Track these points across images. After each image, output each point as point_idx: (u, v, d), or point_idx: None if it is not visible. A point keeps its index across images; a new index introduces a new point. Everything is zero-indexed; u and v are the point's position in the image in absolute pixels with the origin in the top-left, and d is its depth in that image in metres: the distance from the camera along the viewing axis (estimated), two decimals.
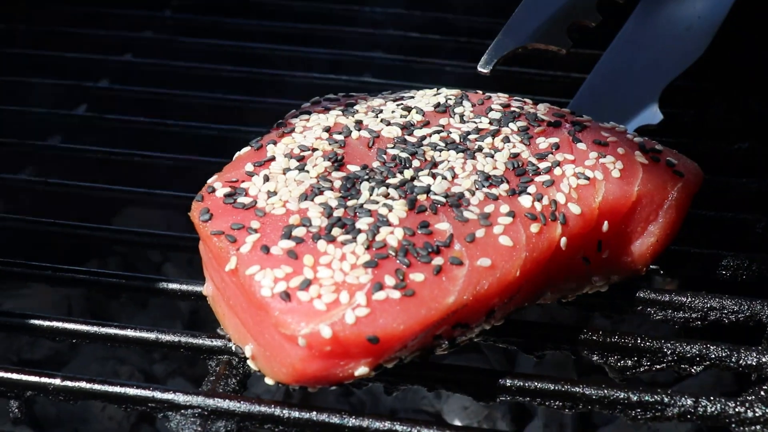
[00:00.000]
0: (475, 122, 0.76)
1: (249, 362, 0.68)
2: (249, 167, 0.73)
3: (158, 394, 0.68)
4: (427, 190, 0.70)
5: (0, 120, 0.97)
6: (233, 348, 0.70)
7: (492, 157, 0.72)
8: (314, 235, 0.67)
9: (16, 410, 0.70)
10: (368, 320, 0.63)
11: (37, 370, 0.70)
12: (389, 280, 0.64)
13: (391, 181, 0.70)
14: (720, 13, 0.87)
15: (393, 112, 0.77)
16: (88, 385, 0.69)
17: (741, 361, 0.72)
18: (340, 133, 0.74)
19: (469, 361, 0.96)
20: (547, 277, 0.70)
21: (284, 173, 0.71)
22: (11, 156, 0.93)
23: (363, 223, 0.67)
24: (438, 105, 0.77)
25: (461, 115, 0.76)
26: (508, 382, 0.69)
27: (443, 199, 0.69)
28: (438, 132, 0.74)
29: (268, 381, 0.67)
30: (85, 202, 0.91)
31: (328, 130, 0.75)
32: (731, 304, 0.75)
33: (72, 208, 0.91)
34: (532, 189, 0.70)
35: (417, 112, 0.76)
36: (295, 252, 0.66)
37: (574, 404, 0.69)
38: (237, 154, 0.75)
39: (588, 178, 0.71)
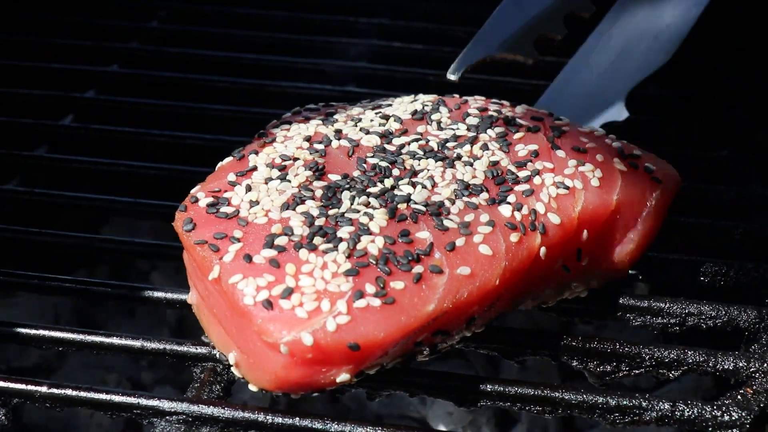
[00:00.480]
0: (453, 129, 0.76)
1: (233, 369, 0.69)
2: (231, 177, 0.73)
3: (143, 401, 0.69)
4: (408, 199, 0.70)
5: None
6: (217, 355, 0.71)
7: (471, 165, 0.73)
8: (296, 244, 0.67)
9: (3, 417, 0.71)
10: (349, 328, 0.64)
11: (24, 378, 0.70)
12: (370, 288, 0.65)
13: (371, 190, 0.71)
14: (687, 24, 0.90)
15: (372, 120, 0.78)
16: (75, 393, 0.70)
17: (718, 366, 0.73)
18: (320, 143, 0.75)
19: (454, 368, 0.97)
20: (526, 285, 0.71)
21: (266, 183, 0.72)
22: None
23: (344, 231, 0.68)
24: (415, 112, 0.78)
25: (438, 122, 0.77)
26: (489, 388, 0.70)
27: (423, 208, 0.70)
28: (416, 140, 0.75)
29: (252, 387, 0.68)
30: (71, 211, 0.92)
31: (308, 139, 0.76)
32: (709, 310, 0.76)
33: (59, 217, 0.92)
34: (511, 198, 0.71)
35: (395, 120, 0.77)
36: (278, 261, 0.67)
37: (554, 409, 0.70)
38: (219, 164, 0.76)
39: (567, 188, 0.72)
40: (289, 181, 0.72)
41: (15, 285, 0.81)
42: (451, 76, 0.74)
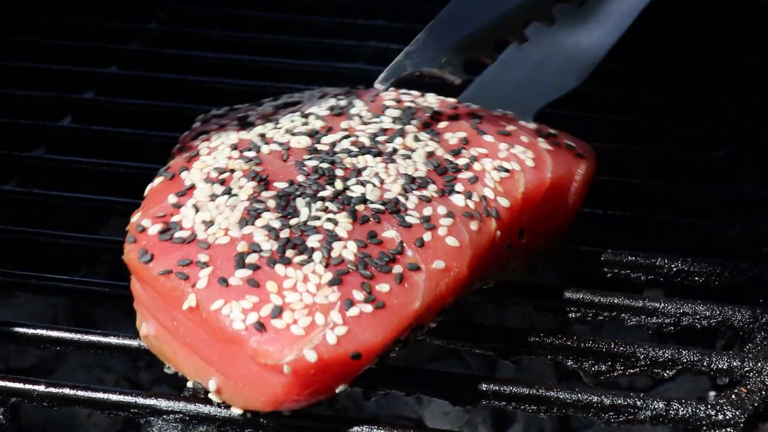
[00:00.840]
0: (377, 122, 0.76)
1: (212, 396, 0.67)
2: (172, 199, 0.70)
3: (140, 400, 0.69)
4: (364, 200, 0.70)
5: None
6: (189, 384, 0.69)
7: (410, 158, 0.73)
8: (269, 260, 0.66)
9: (1, 417, 0.71)
10: (349, 338, 0.64)
11: (22, 377, 0.71)
12: (358, 295, 0.65)
13: (323, 194, 0.70)
14: (601, 50, 0.93)
15: (292, 121, 0.76)
16: (72, 392, 0.70)
17: (713, 365, 0.73)
18: (249, 150, 0.73)
19: (450, 367, 0.97)
20: (484, 269, 0.72)
21: (213, 200, 0.70)
22: None
23: (313, 240, 0.67)
24: (332, 108, 0.78)
25: (359, 116, 0.77)
26: (485, 387, 0.70)
27: (382, 207, 0.70)
28: (346, 137, 0.75)
29: (236, 411, 0.67)
30: (70, 212, 0.92)
31: (235, 147, 0.74)
32: (704, 310, 0.77)
33: (57, 218, 0.92)
34: (459, 187, 0.72)
35: (316, 118, 0.76)
36: (255, 280, 0.65)
37: (549, 408, 0.70)
38: (149, 186, 0.73)
39: (508, 171, 0.74)
40: (236, 195, 0.70)
41: (14, 285, 0.82)
42: (379, 85, 0.75)
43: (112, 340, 0.74)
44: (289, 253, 0.66)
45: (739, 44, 1.03)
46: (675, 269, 0.81)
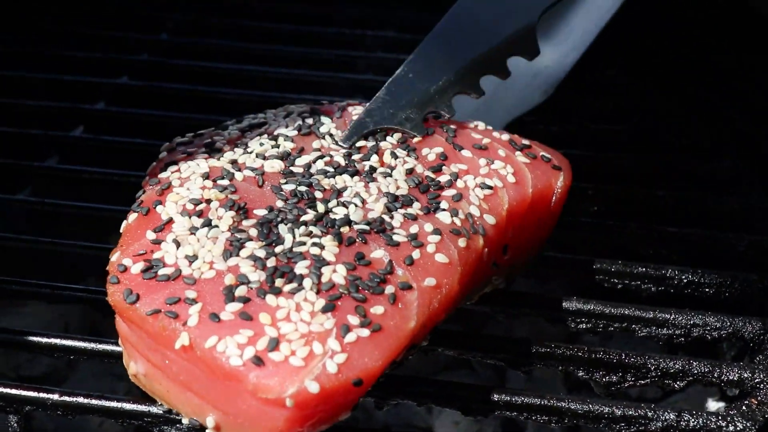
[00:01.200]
0: (351, 141, 0.76)
1: None
2: (150, 235, 0.69)
3: (154, 409, 0.70)
4: (347, 221, 0.69)
5: None
6: (186, 422, 0.68)
7: (390, 176, 0.73)
8: (258, 291, 0.65)
9: (15, 425, 0.72)
10: (349, 365, 0.63)
11: (36, 386, 0.71)
12: (353, 319, 0.64)
13: (306, 218, 0.69)
14: (564, 68, 0.95)
15: (261, 144, 0.75)
16: (86, 401, 0.71)
17: (723, 377, 0.73)
18: (222, 178, 0.72)
19: (461, 378, 0.98)
20: (471, 286, 0.73)
21: (193, 233, 0.68)
22: (9, 176, 0.94)
23: (301, 267, 0.66)
24: (300, 128, 0.77)
25: (329, 134, 0.77)
26: (496, 397, 0.71)
27: (367, 227, 0.69)
28: (320, 157, 0.74)
29: None
30: (80, 222, 0.93)
31: (207, 176, 0.72)
32: (714, 321, 0.77)
33: (69, 227, 0.93)
34: (444, 205, 0.72)
35: (285, 139, 0.76)
36: (247, 313, 0.64)
37: (561, 418, 0.71)
38: (124, 223, 0.72)
39: (491, 187, 0.74)
40: (217, 226, 0.68)
41: (26, 294, 0.82)
42: (343, 144, 0.76)
43: None
44: (279, 282, 0.65)
45: (744, 52, 1.03)
46: (685, 280, 0.81)
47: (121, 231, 0.72)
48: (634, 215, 0.89)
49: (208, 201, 0.70)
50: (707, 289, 0.82)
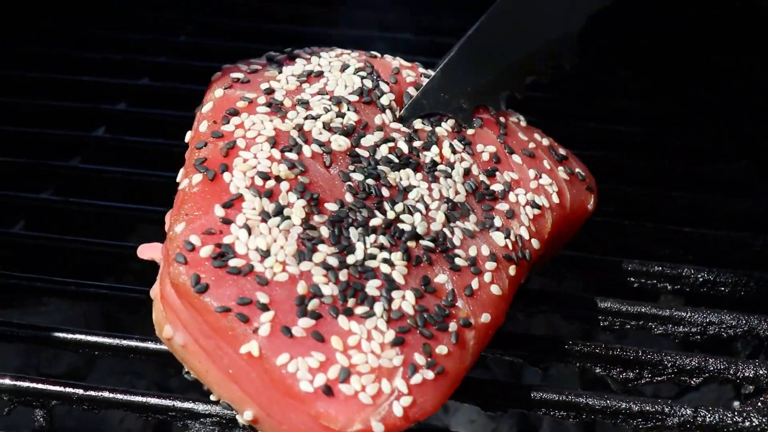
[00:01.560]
0: (409, 122, 0.76)
1: (241, 421, 0.66)
2: (219, 211, 0.67)
3: (178, 404, 0.71)
4: (415, 235, 0.69)
5: (23, 141, 1.00)
6: (217, 410, 0.69)
7: (450, 176, 0.73)
8: (330, 308, 0.64)
9: (41, 419, 0.73)
10: (413, 409, 0.63)
11: (62, 380, 0.73)
12: (419, 359, 0.64)
13: (374, 222, 0.69)
14: None
15: (327, 111, 0.74)
16: (112, 395, 0.72)
17: (739, 374, 0.74)
18: (290, 150, 0.71)
19: (476, 375, 0.98)
20: None
21: (264, 221, 0.67)
22: (34, 176, 0.96)
23: (372, 287, 0.66)
24: (361, 92, 0.76)
25: (390, 108, 0.76)
26: (514, 393, 0.72)
27: (432, 245, 0.69)
28: (384, 141, 0.73)
29: None
30: (102, 219, 0.94)
31: (274, 143, 0.71)
32: (729, 319, 0.78)
33: (91, 226, 0.94)
34: (498, 222, 0.72)
35: (348, 107, 0.74)
36: (320, 333, 0.63)
37: (578, 414, 0.72)
38: (185, 182, 0.70)
39: (539, 207, 0.74)
40: (289, 217, 0.67)
41: (50, 291, 0.83)
42: (402, 125, 0.76)
43: (150, 345, 0.75)
44: (351, 302, 0.65)
45: (755, 54, 1.04)
46: (701, 279, 0.82)
47: (179, 188, 0.71)
48: (650, 216, 0.90)
49: (278, 179, 0.69)
50: (722, 288, 0.83)
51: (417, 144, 0.75)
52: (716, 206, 0.92)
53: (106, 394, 0.72)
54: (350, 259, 0.67)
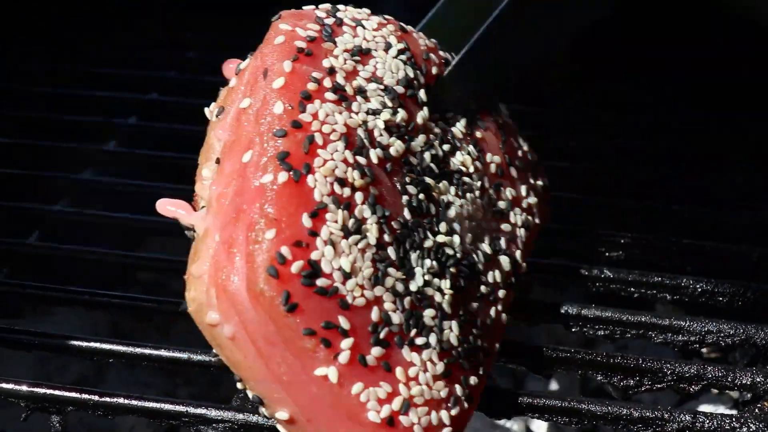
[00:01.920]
0: (435, 117, 0.74)
1: (262, 410, 0.67)
2: (307, 222, 0.65)
3: (191, 409, 0.72)
4: (456, 261, 0.69)
5: (36, 154, 1.02)
6: (240, 386, 0.69)
7: (472, 191, 0.73)
8: (398, 339, 0.65)
9: (57, 425, 0.75)
10: None
11: (78, 387, 0.74)
12: (459, 390, 0.67)
13: (427, 244, 0.68)
14: None
15: (383, 106, 0.70)
16: (126, 401, 0.73)
17: (737, 381, 0.76)
18: (360, 153, 0.68)
19: None
20: None
21: (345, 237, 0.65)
22: (47, 188, 0.98)
23: (428, 317, 0.66)
24: (406, 84, 0.73)
25: (426, 104, 0.73)
26: (518, 400, 0.74)
27: (468, 270, 0.70)
28: (427, 146, 0.72)
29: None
30: (115, 230, 0.96)
31: (346, 143, 0.67)
32: (727, 328, 0.79)
33: (104, 237, 0.96)
34: (503, 244, 0.74)
35: (398, 103, 0.71)
36: (388, 363, 0.64)
37: (581, 420, 0.73)
38: (270, 178, 0.65)
39: (529, 228, 0.77)
40: (366, 236, 0.66)
41: (61, 300, 0.85)
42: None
43: (163, 353, 0.77)
44: (413, 332, 0.66)
45: (755, 64, 1.06)
46: (700, 289, 0.84)
47: (237, 163, 0.68)
48: (651, 227, 0.92)
49: (353, 187, 0.66)
50: (721, 298, 0.84)
51: (446, 148, 0.73)
52: (717, 218, 0.94)
53: (120, 400, 0.73)
54: (412, 286, 0.67)
